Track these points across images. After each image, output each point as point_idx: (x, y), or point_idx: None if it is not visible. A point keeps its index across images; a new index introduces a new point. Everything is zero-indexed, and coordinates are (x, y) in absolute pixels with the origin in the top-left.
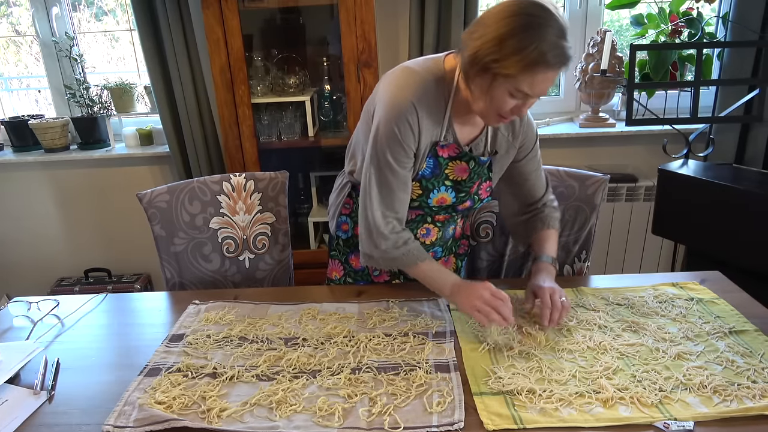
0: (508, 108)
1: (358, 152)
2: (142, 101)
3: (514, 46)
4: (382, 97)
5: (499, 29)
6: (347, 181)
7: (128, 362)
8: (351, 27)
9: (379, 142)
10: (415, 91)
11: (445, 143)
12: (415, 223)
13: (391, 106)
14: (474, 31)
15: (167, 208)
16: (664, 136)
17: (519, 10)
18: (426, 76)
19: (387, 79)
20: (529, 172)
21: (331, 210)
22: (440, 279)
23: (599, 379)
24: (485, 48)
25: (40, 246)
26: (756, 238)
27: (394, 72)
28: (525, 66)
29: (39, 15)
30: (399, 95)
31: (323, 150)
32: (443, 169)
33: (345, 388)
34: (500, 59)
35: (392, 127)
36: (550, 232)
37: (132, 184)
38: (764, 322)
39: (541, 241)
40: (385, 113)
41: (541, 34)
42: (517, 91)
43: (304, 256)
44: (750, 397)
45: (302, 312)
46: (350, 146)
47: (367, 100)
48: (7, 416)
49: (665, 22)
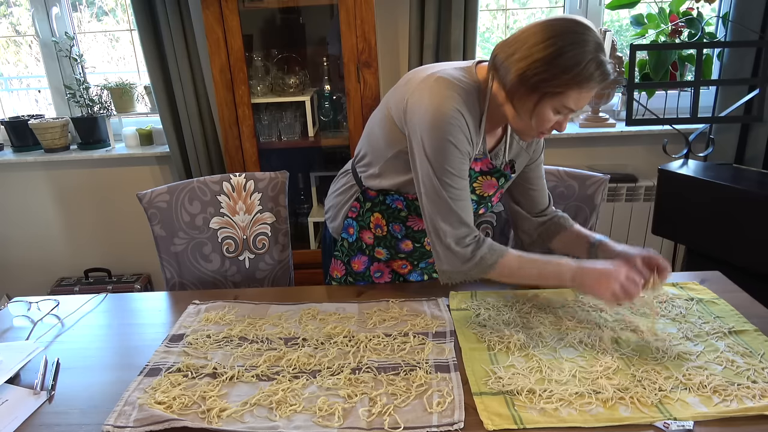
0: (551, 124)
1: (375, 157)
2: (142, 101)
3: (564, 64)
4: (422, 108)
5: (546, 48)
6: (353, 184)
7: (128, 362)
8: (351, 27)
9: (434, 156)
10: (457, 99)
11: (479, 156)
12: (424, 233)
13: (437, 116)
14: (513, 52)
15: (167, 208)
16: (664, 136)
17: (563, 29)
18: (464, 86)
19: (421, 90)
20: (536, 178)
21: (332, 211)
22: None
23: (599, 379)
24: (533, 68)
25: (40, 246)
26: (756, 238)
27: (427, 81)
28: (576, 83)
29: (39, 15)
30: (444, 104)
31: (323, 150)
32: (472, 182)
33: (345, 388)
34: (550, 78)
35: (444, 136)
36: (576, 227)
37: (132, 184)
38: (764, 322)
39: (574, 234)
40: (432, 123)
41: (588, 50)
42: (563, 107)
43: (304, 256)
44: (750, 397)
45: (302, 312)
46: (361, 150)
47: (387, 106)
48: (7, 416)
49: (665, 22)
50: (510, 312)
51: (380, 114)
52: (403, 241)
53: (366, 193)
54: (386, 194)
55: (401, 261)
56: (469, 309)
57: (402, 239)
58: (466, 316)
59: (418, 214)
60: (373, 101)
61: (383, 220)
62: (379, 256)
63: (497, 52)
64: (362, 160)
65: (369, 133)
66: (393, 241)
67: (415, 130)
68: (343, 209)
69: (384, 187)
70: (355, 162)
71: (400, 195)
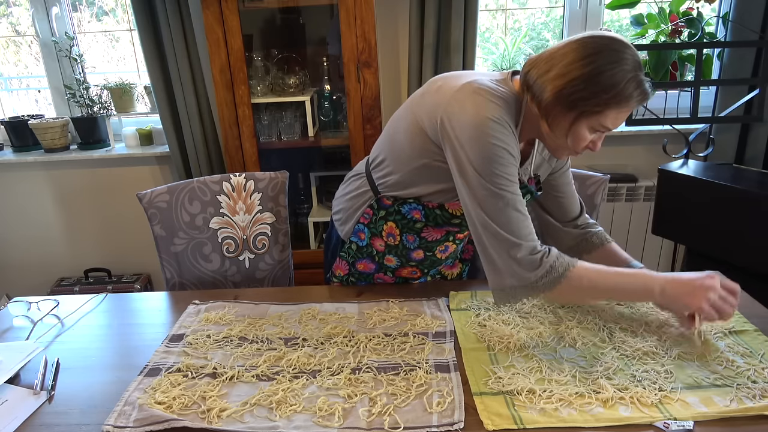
0: (585, 143)
1: (397, 165)
2: (142, 101)
3: (603, 83)
4: (464, 119)
5: (585, 67)
6: (368, 189)
7: (128, 362)
8: (351, 27)
9: (483, 166)
10: (500, 109)
11: None
12: (438, 243)
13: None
14: (548, 69)
15: (167, 208)
16: (664, 136)
17: (601, 47)
18: (504, 96)
19: (460, 100)
20: (563, 185)
21: (343, 214)
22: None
23: (599, 379)
24: (570, 86)
25: (40, 246)
26: (756, 238)
27: (464, 91)
28: (615, 103)
29: (39, 15)
30: (487, 113)
31: (323, 150)
32: None
33: (345, 388)
34: (589, 97)
35: (492, 142)
36: (614, 245)
37: (132, 184)
38: (764, 322)
39: (610, 254)
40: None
41: (627, 69)
42: (600, 126)
43: (304, 256)
44: (750, 397)
45: (302, 312)
46: (379, 155)
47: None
48: (7, 416)
49: (665, 22)
50: (510, 312)
51: (406, 121)
52: (415, 251)
53: (381, 201)
54: (403, 203)
55: (411, 268)
56: (469, 309)
57: (414, 249)
58: (466, 316)
59: (436, 224)
60: (373, 101)
61: (397, 229)
62: (389, 264)
63: (528, 68)
64: (380, 166)
65: (391, 138)
66: (405, 251)
67: (457, 142)
68: (355, 214)
69: (404, 196)
70: (371, 167)
71: (419, 204)
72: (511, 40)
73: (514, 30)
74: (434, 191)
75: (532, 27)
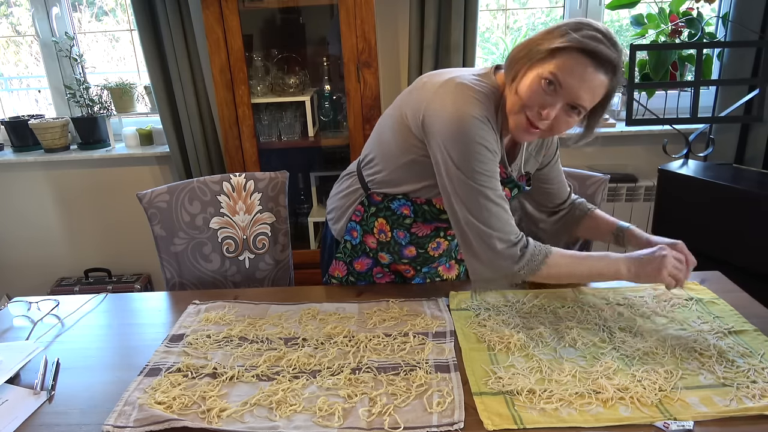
0: (536, 102)
1: (386, 162)
2: (142, 101)
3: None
4: (445, 115)
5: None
6: (358, 187)
7: (128, 362)
8: (351, 27)
9: (463, 162)
10: (480, 104)
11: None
12: (429, 239)
13: (462, 121)
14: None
15: (167, 208)
16: (664, 136)
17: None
18: (485, 91)
19: (441, 95)
20: (553, 177)
21: (335, 213)
22: (603, 264)
23: (599, 379)
24: (519, 46)
25: (40, 246)
26: (756, 238)
27: (446, 87)
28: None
29: (39, 15)
30: (467, 109)
31: (323, 150)
32: None
33: (345, 388)
34: (531, 47)
35: (472, 139)
36: (598, 212)
37: (132, 184)
38: (764, 322)
39: (597, 220)
40: (457, 129)
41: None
42: (549, 74)
43: (304, 256)
44: (750, 397)
45: (302, 312)
46: (369, 153)
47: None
48: (7, 416)
49: (665, 22)
50: (510, 312)
51: (393, 118)
52: (406, 247)
53: (371, 198)
54: (392, 199)
55: (404, 266)
56: (469, 309)
57: (406, 246)
58: (466, 316)
59: (425, 219)
60: (373, 101)
61: (387, 225)
62: (383, 261)
63: (509, 55)
64: (370, 164)
65: (379, 136)
66: (396, 247)
67: (438, 138)
68: (347, 212)
69: (393, 193)
70: (361, 165)
71: (407, 200)
72: (511, 40)
73: (514, 30)
74: (421, 187)
75: (532, 27)
